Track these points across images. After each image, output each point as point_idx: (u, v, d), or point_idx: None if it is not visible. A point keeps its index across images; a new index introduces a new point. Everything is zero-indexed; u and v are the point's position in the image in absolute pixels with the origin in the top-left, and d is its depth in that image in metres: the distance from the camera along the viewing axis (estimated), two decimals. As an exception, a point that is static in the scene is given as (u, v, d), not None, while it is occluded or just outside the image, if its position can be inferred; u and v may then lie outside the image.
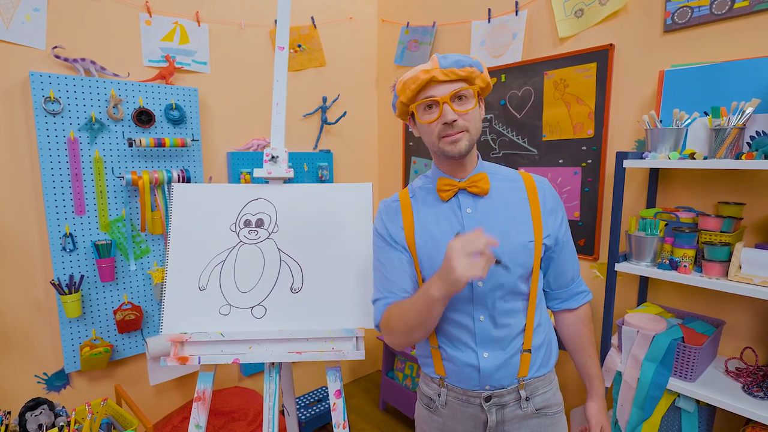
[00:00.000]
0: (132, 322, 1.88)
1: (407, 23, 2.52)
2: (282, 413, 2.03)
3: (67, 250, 1.75)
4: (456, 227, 0.97)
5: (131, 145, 1.81)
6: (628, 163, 1.47)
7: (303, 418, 2.29)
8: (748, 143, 1.35)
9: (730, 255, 1.32)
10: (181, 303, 1.23)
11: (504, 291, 0.96)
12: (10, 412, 1.53)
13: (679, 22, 1.54)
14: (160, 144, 1.87)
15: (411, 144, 2.63)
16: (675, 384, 1.37)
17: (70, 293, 1.71)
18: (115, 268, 1.86)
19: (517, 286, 0.97)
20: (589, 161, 1.83)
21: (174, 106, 1.95)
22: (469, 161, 0.99)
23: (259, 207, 1.32)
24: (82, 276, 1.77)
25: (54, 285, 1.69)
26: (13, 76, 1.64)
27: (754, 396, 1.28)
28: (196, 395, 1.20)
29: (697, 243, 1.41)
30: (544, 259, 1.02)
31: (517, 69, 2.03)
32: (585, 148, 1.84)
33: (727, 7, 1.44)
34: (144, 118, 1.87)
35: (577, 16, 1.82)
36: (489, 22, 2.15)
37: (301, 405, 2.40)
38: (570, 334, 1.11)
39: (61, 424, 1.50)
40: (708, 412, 1.42)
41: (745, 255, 1.27)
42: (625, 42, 1.69)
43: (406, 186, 2.61)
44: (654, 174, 1.63)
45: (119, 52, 1.86)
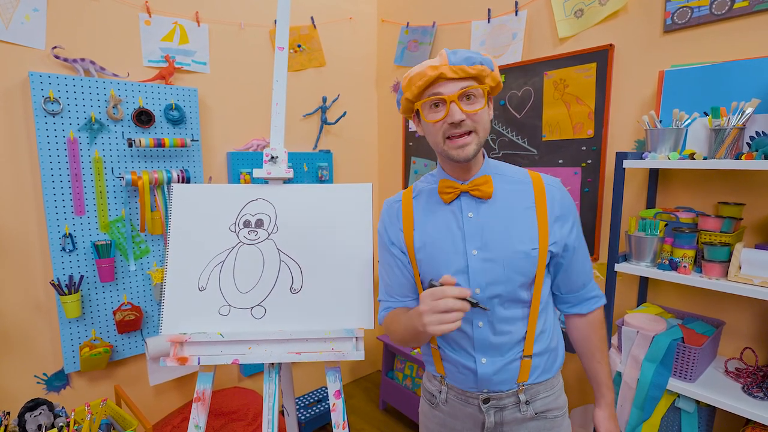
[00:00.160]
0: (131, 323, 1.88)
1: (407, 23, 2.52)
2: (282, 414, 2.03)
3: (67, 251, 1.74)
4: (456, 232, 0.95)
5: (131, 145, 1.81)
6: (627, 163, 1.47)
7: (303, 418, 2.29)
8: (747, 143, 1.35)
9: (730, 255, 1.32)
10: (180, 303, 1.23)
11: (503, 299, 0.94)
12: (9, 413, 1.53)
13: (679, 22, 1.54)
14: (160, 144, 1.87)
15: (411, 144, 2.63)
16: (675, 384, 1.37)
17: (70, 293, 1.71)
18: (115, 269, 1.86)
19: (517, 294, 0.94)
20: (589, 161, 1.83)
21: (174, 107, 1.95)
22: (475, 163, 0.95)
23: (259, 207, 1.32)
24: (82, 276, 1.77)
25: (54, 285, 1.69)
26: (13, 76, 1.64)
27: (754, 396, 1.28)
28: (195, 396, 1.20)
29: (697, 243, 1.41)
30: (552, 265, 0.99)
31: (516, 69, 2.03)
32: (585, 148, 1.84)
33: (726, 7, 1.44)
34: (144, 118, 1.87)
35: (577, 16, 1.82)
36: (489, 22, 2.14)
37: (301, 405, 2.40)
38: (580, 338, 1.08)
39: (61, 424, 1.50)
40: (708, 413, 1.42)
41: (744, 255, 1.27)
42: (625, 42, 1.69)
43: (406, 185, 2.64)
44: (654, 174, 1.63)
45: (119, 52, 1.86)
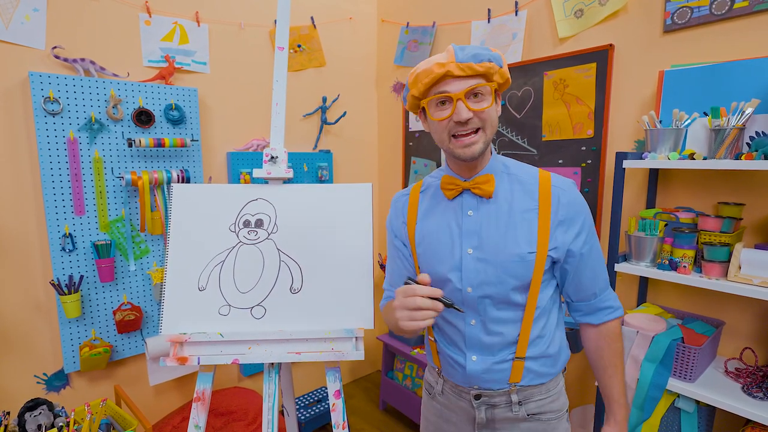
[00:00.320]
0: (131, 323, 1.88)
1: (407, 23, 2.52)
2: (282, 414, 2.03)
3: (67, 251, 1.74)
4: (455, 228, 0.96)
5: (131, 145, 1.81)
6: (627, 163, 1.47)
7: (303, 418, 2.29)
8: (747, 144, 1.35)
9: (730, 255, 1.32)
10: (180, 303, 1.23)
11: (495, 300, 0.93)
12: (9, 413, 1.53)
13: (679, 22, 1.54)
14: (160, 144, 1.87)
15: (411, 144, 2.63)
16: (674, 384, 1.37)
17: (70, 293, 1.71)
18: (115, 269, 1.86)
19: (509, 297, 0.92)
20: (589, 161, 1.83)
21: (174, 107, 1.95)
22: (480, 161, 0.93)
23: (259, 207, 1.32)
24: (82, 276, 1.77)
25: (53, 285, 1.69)
26: (13, 76, 1.64)
27: (754, 396, 1.28)
28: (195, 395, 1.20)
29: (697, 243, 1.41)
30: (557, 270, 0.96)
31: (516, 69, 2.03)
32: (585, 148, 1.84)
33: (726, 8, 1.44)
34: (143, 118, 1.87)
35: (577, 16, 1.82)
36: (489, 22, 2.14)
37: (301, 405, 2.40)
38: (592, 349, 1.03)
39: (61, 424, 1.50)
40: (707, 413, 1.42)
41: (744, 255, 1.27)
42: (625, 42, 1.69)
43: (406, 185, 2.64)
44: (654, 174, 1.63)
45: (119, 52, 1.86)
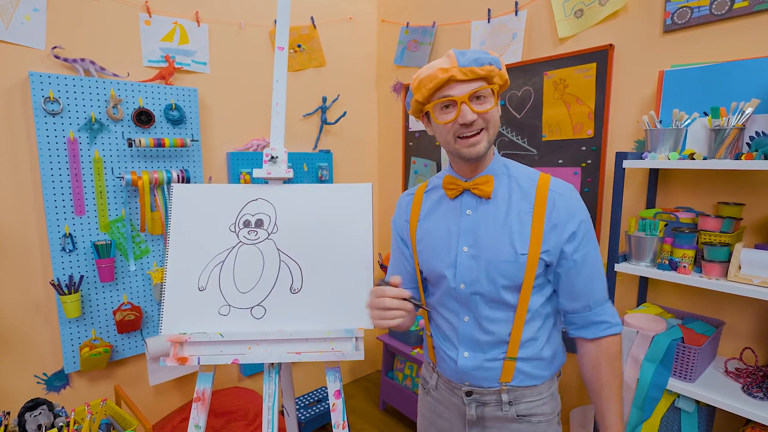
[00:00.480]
0: (131, 323, 1.88)
1: (407, 23, 2.52)
2: (282, 414, 2.03)
3: (67, 251, 1.74)
4: (453, 228, 0.98)
5: (131, 145, 1.81)
6: (627, 163, 1.47)
7: (303, 418, 2.29)
8: (747, 144, 1.35)
9: (730, 255, 1.32)
10: (180, 303, 1.23)
11: (486, 298, 0.94)
12: (9, 413, 1.53)
13: (679, 22, 1.54)
14: (160, 144, 1.87)
15: (411, 144, 2.63)
16: (674, 384, 1.37)
17: (70, 293, 1.71)
18: (115, 269, 1.86)
19: (501, 296, 0.93)
20: (589, 161, 1.83)
21: (174, 107, 1.95)
22: (482, 162, 0.95)
23: (259, 207, 1.32)
24: (82, 276, 1.77)
25: (54, 285, 1.69)
26: (13, 76, 1.64)
27: (754, 396, 1.28)
28: (195, 395, 1.20)
29: (697, 243, 1.41)
30: (551, 274, 0.96)
31: (516, 69, 2.03)
32: (585, 148, 1.84)
33: (726, 8, 1.44)
34: (144, 118, 1.87)
35: (577, 16, 1.82)
36: (489, 22, 2.14)
37: (301, 405, 2.40)
38: (587, 366, 0.99)
39: (61, 424, 1.50)
40: (708, 413, 1.42)
41: (744, 255, 1.27)
42: (625, 42, 1.69)
43: (406, 185, 2.64)
44: (654, 174, 1.63)
45: (119, 52, 1.86)
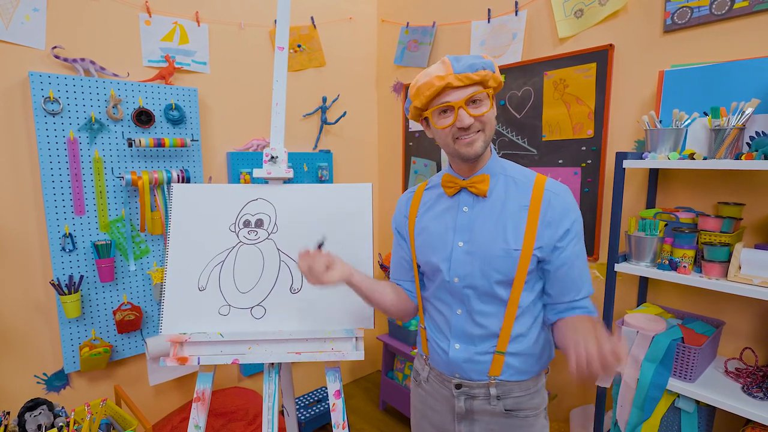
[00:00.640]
0: (131, 323, 1.88)
1: (407, 23, 2.52)
2: (282, 414, 2.03)
3: (67, 251, 1.74)
4: (450, 223, 1.02)
5: (131, 145, 1.81)
6: (627, 163, 1.47)
7: (303, 418, 2.29)
8: (747, 143, 1.35)
9: (730, 255, 1.32)
10: (180, 303, 1.23)
11: (479, 292, 0.98)
12: (9, 413, 1.53)
13: (679, 22, 1.54)
14: (160, 144, 1.87)
15: (411, 144, 2.63)
16: (675, 384, 1.37)
17: (70, 293, 1.71)
18: (115, 269, 1.86)
19: (493, 290, 0.97)
20: (589, 161, 1.83)
21: (174, 106, 1.95)
22: (479, 161, 0.99)
23: (259, 207, 1.32)
24: (82, 276, 1.77)
25: (53, 285, 1.69)
26: (13, 76, 1.64)
27: (754, 396, 1.28)
28: (195, 395, 1.20)
29: (697, 243, 1.41)
30: (540, 271, 0.99)
31: (516, 69, 2.03)
32: (585, 148, 1.84)
33: (726, 8, 1.44)
34: (144, 118, 1.87)
35: (577, 16, 1.82)
36: (489, 22, 2.14)
37: (301, 405, 2.40)
38: (563, 328, 0.96)
39: (61, 424, 1.50)
40: (708, 413, 1.42)
41: (744, 255, 1.27)
42: (625, 42, 1.69)
43: (406, 185, 2.64)
44: (654, 174, 1.63)
45: (119, 52, 1.86)
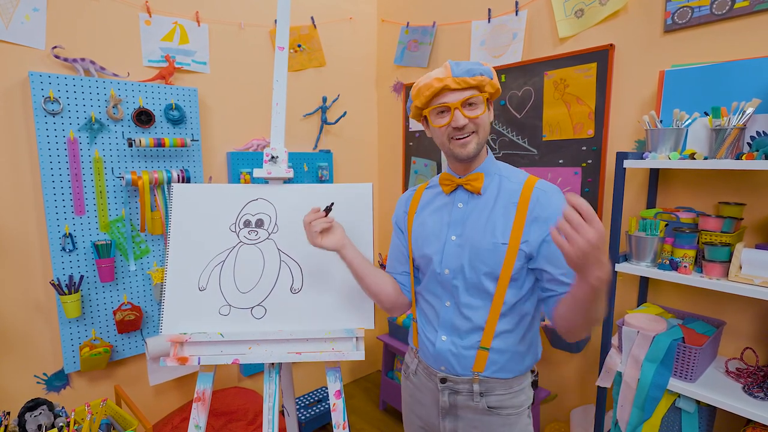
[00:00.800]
0: (132, 323, 1.88)
1: (407, 23, 2.52)
2: (282, 414, 2.03)
3: (67, 251, 1.74)
4: (445, 219, 1.07)
5: (131, 145, 1.80)
6: (628, 163, 1.47)
7: (303, 418, 2.29)
8: (748, 143, 1.34)
9: (731, 255, 1.31)
10: (180, 303, 1.23)
11: (466, 283, 1.02)
12: (9, 413, 1.53)
13: (680, 22, 1.54)
14: (160, 144, 1.87)
15: (411, 144, 2.62)
16: (675, 384, 1.37)
17: (70, 293, 1.71)
18: (115, 269, 1.86)
19: (480, 282, 1.00)
20: (590, 161, 1.83)
21: (174, 106, 1.94)
22: (474, 161, 1.05)
23: (259, 207, 1.32)
24: (82, 276, 1.77)
25: (54, 285, 1.69)
26: (13, 76, 1.64)
27: (755, 396, 1.28)
28: (195, 396, 1.20)
29: (698, 243, 1.41)
30: (530, 272, 1.00)
31: (517, 69, 2.03)
32: (585, 148, 1.84)
33: (727, 7, 1.44)
34: (144, 118, 1.87)
35: (578, 16, 1.82)
36: (489, 22, 2.14)
37: (301, 405, 2.40)
38: (562, 305, 0.94)
39: (61, 424, 1.50)
40: (708, 413, 1.42)
41: (745, 255, 1.27)
42: (626, 42, 1.69)
43: (406, 185, 2.64)
44: (654, 174, 1.63)
45: (119, 52, 1.86)
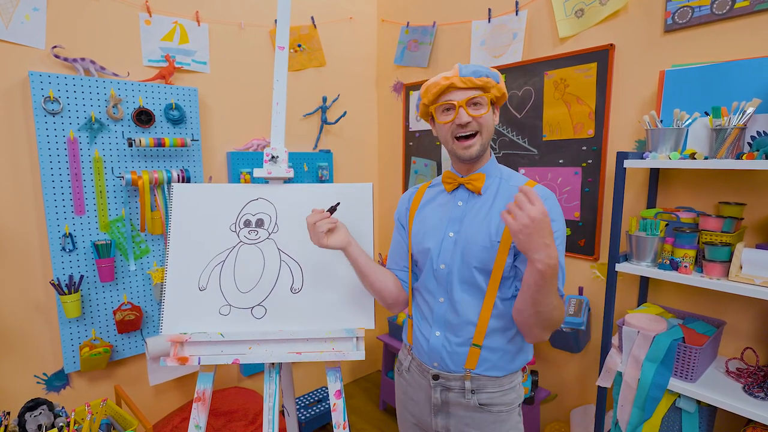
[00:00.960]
0: (132, 323, 1.88)
1: (407, 23, 2.52)
2: (282, 413, 2.03)
3: (67, 250, 1.74)
4: (445, 216, 1.10)
5: (131, 144, 1.80)
6: (628, 163, 1.47)
7: (303, 418, 2.29)
8: (749, 143, 1.34)
9: (731, 255, 1.32)
10: (180, 303, 1.23)
11: (461, 278, 1.04)
12: (9, 413, 1.53)
13: (680, 21, 1.54)
14: (160, 144, 1.87)
15: (411, 144, 2.62)
16: (676, 384, 1.37)
17: (70, 293, 1.71)
18: (115, 268, 1.86)
19: (473, 277, 1.03)
20: (590, 161, 1.83)
21: (174, 106, 1.94)
22: (477, 162, 1.07)
23: (259, 207, 1.31)
24: (82, 276, 1.77)
25: (54, 285, 1.69)
26: (13, 75, 1.64)
27: (755, 396, 1.28)
28: (195, 395, 1.20)
29: (698, 243, 1.41)
30: (522, 264, 1.01)
31: (517, 69, 2.03)
32: (585, 148, 1.84)
33: (727, 7, 1.44)
34: (144, 117, 1.86)
35: (578, 15, 1.82)
36: (489, 21, 2.14)
37: (301, 405, 2.40)
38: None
39: (61, 424, 1.50)
40: (709, 413, 1.42)
41: (745, 255, 1.27)
42: (626, 42, 1.69)
43: (406, 185, 2.64)
44: (654, 174, 1.63)
45: (119, 51, 1.86)
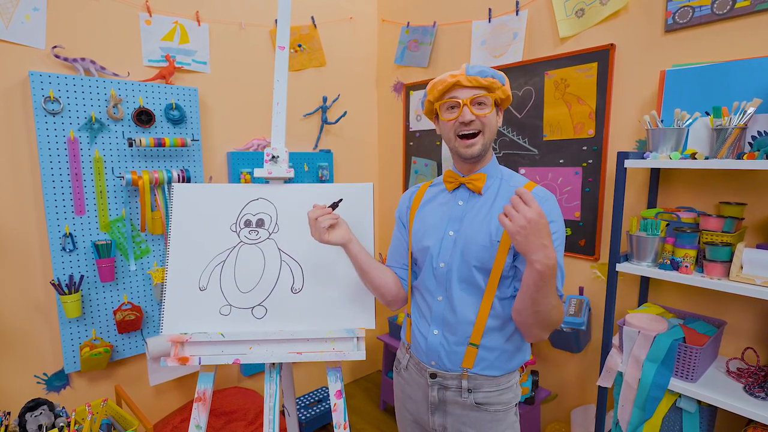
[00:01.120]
0: (132, 323, 1.88)
1: (407, 23, 2.52)
2: (282, 413, 2.03)
3: (67, 250, 1.74)
4: (445, 214, 1.10)
5: (131, 144, 1.80)
6: (629, 163, 1.47)
7: (303, 418, 2.29)
8: (749, 143, 1.34)
9: (732, 255, 1.31)
10: (181, 303, 1.23)
11: (460, 277, 1.05)
12: (9, 413, 1.53)
13: (680, 21, 1.54)
14: (160, 144, 1.87)
15: (411, 144, 2.62)
16: (676, 384, 1.37)
17: (70, 293, 1.71)
18: (115, 268, 1.86)
19: (472, 276, 1.03)
20: (590, 161, 1.83)
21: (174, 106, 1.94)
22: (478, 162, 1.08)
23: (260, 207, 1.31)
24: (82, 276, 1.77)
25: (54, 285, 1.69)
26: (13, 75, 1.64)
27: (756, 396, 1.28)
28: (196, 396, 1.20)
29: (699, 243, 1.41)
30: (521, 264, 1.01)
31: (517, 69, 2.03)
32: (586, 148, 1.84)
33: (728, 7, 1.44)
34: (144, 117, 1.86)
35: (578, 15, 1.82)
36: (489, 21, 2.14)
37: (302, 405, 2.40)
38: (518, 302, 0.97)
39: (61, 424, 1.50)
40: (709, 413, 1.42)
41: (746, 255, 1.27)
42: (626, 42, 1.69)
43: (406, 185, 2.64)
44: (655, 174, 1.63)
45: (119, 51, 1.86)
